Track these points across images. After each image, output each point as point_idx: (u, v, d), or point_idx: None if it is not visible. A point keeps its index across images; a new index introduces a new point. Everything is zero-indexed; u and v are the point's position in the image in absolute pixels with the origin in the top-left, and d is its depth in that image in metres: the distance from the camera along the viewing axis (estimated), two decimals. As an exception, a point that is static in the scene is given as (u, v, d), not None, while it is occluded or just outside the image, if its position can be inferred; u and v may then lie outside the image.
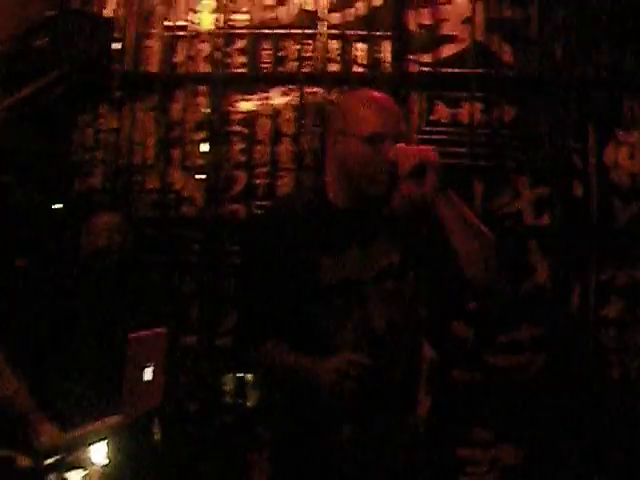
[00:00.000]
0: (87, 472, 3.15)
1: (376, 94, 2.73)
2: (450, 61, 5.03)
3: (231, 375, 4.81)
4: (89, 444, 3.19)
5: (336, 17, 5.06)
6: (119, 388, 3.21)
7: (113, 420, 3.27)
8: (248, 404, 4.79)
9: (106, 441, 3.26)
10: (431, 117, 4.99)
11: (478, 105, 4.96)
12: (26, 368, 3.27)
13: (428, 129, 4.98)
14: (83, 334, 3.96)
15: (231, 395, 4.83)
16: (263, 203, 4.95)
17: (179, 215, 5.01)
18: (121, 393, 3.20)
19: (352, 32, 5.04)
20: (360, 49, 5.04)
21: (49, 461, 2.98)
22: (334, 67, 5.05)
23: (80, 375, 3.71)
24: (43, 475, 2.97)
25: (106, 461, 3.25)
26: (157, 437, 3.69)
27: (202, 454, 4.55)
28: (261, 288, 2.71)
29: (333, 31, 5.05)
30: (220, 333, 4.87)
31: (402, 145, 2.53)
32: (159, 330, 3.55)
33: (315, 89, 5.02)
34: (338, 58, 5.05)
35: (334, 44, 5.05)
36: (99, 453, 3.23)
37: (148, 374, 3.37)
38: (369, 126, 2.57)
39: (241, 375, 4.79)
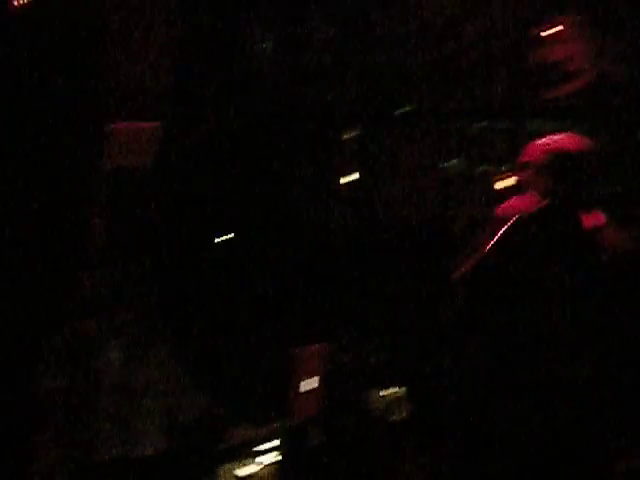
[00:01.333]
0: (255, 468, 3.62)
1: None
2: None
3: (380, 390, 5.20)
4: (258, 443, 3.65)
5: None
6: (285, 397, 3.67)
7: (279, 426, 3.71)
8: (396, 418, 5.16)
9: (276, 442, 3.72)
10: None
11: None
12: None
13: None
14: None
15: (380, 410, 5.21)
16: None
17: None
18: (288, 401, 3.66)
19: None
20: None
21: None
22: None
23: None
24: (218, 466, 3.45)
25: (275, 460, 3.71)
26: (315, 442, 4.08)
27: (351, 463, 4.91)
28: None
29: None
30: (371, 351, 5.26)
31: None
32: (321, 346, 4.00)
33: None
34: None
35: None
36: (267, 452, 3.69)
37: (309, 385, 3.81)
38: None
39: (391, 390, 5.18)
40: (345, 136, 5.45)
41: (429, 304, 4.84)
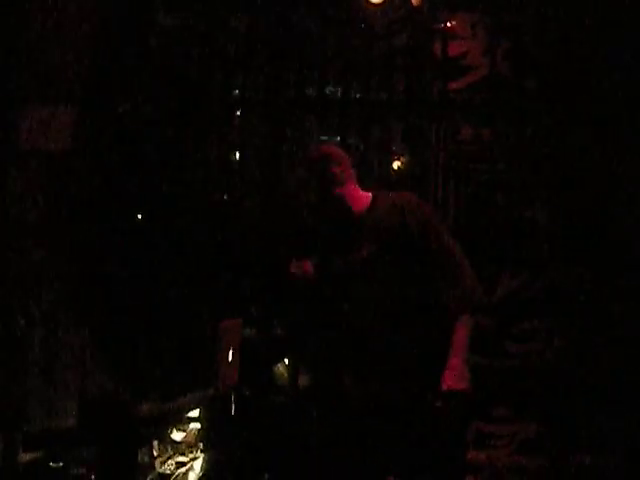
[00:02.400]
0: (186, 433, 3.90)
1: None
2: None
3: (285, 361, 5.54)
4: (187, 411, 3.93)
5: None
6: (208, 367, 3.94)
7: (205, 394, 3.99)
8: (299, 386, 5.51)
9: (199, 409, 4.00)
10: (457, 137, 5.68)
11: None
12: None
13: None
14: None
15: (284, 379, 5.55)
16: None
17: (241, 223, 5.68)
18: (212, 371, 3.93)
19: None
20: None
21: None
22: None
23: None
24: (153, 432, 3.71)
25: (199, 425, 3.99)
26: (233, 410, 4.36)
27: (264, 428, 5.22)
28: None
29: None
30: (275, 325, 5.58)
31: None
32: (238, 320, 4.28)
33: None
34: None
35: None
36: (194, 419, 3.98)
37: (231, 356, 4.09)
38: None
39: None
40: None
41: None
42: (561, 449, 5.27)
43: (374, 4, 4.58)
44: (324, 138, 5.89)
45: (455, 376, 3.40)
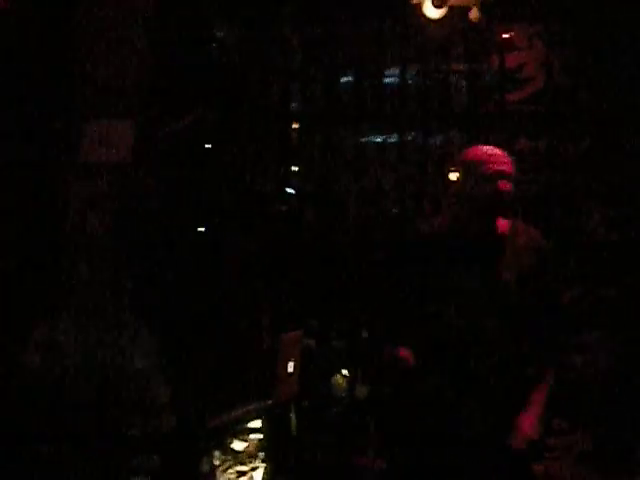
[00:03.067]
0: (247, 442, 3.96)
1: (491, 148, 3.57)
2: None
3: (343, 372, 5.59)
4: (248, 421, 3.98)
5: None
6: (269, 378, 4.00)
7: (266, 405, 4.04)
8: (357, 397, 5.56)
9: (260, 420, 4.05)
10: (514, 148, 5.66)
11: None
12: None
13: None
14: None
15: (342, 390, 5.60)
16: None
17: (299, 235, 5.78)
18: (273, 382, 3.98)
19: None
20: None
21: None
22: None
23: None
24: (215, 442, 3.78)
25: (260, 435, 4.05)
26: (294, 420, 4.43)
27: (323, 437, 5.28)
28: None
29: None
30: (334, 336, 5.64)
31: None
32: (298, 332, 4.32)
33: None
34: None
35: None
36: (255, 430, 4.03)
37: (291, 367, 4.13)
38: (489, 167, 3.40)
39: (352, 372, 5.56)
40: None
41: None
42: (617, 461, 5.28)
43: (431, 20, 4.60)
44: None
45: (532, 423, 3.42)
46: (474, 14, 4.63)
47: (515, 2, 5.56)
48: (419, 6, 4.64)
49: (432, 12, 4.57)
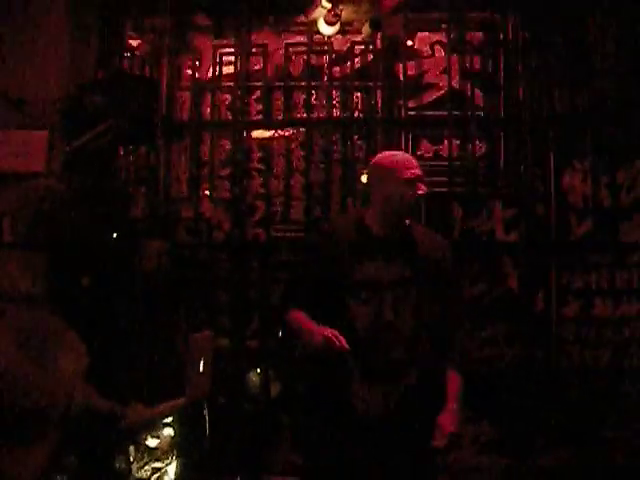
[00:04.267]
0: (160, 440, 4.11)
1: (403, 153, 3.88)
2: (432, 105, 5.96)
3: (256, 370, 5.76)
4: (161, 419, 4.13)
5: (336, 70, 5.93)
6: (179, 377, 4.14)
7: (178, 402, 4.17)
8: (270, 395, 5.74)
9: (172, 418, 4.21)
10: (417, 152, 5.90)
11: (456, 142, 5.87)
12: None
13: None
14: (139, 336, 4.90)
15: (256, 387, 5.77)
16: (279, 227, 5.89)
17: (210, 239, 5.89)
18: (183, 381, 4.12)
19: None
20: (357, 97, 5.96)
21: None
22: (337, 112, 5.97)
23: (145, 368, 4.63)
24: (129, 439, 3.92)
25: (173, 433, 4.20)
26: (206, 418, 4.57)
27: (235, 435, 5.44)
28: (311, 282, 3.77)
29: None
30: (247, 336, 5.81)
31: None
32: (208, 332, 4.47)
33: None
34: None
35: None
36: (168, 426, 4.19)
37: (201, 367, 4.26)
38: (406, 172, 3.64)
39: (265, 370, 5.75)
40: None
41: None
42: (521, 449, 5.53)
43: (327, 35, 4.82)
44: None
45: (453, 420, 3.63)
46: (365, 30, 4.84)
47: (417, 11, 5.74)
48: (314, 22, 4.84)
49: (326, 29, 4.77)
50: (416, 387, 3.66)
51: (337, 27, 4.71)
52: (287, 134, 6.01)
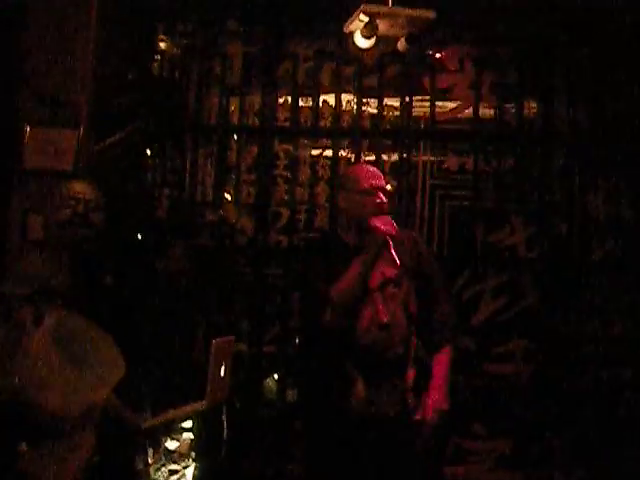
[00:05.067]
0: (179, 442, 4.15)
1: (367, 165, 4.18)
2: (459, 119, 6.00)
3: (274, 376, 5.80)
4: (181, 421, 4.17)
5: (366, 81, 5.97)
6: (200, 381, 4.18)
7: (198, 405, 4.21)
8: (287, 401, 5.78)
9: (191, 421, 4.24)
10: (443, 166, 5.95)
11: (481, 156, 5.87)
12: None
13: (440, 176, 5.95)
14: (160, 338, 4.94)
15: (273, 393, 5.81)
16: (303, 235, 5.90)
17: (233, 244, 5.91)
18: (204, 385, 4.16)
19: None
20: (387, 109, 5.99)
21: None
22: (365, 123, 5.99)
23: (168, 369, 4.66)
24: (149, 441, 3.96)
25: (192, 436, 4.24)
26: (225, 422, 4.59)
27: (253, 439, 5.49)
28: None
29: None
30: (266, 342, 5.85)
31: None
32: (230, 337, 4.51)
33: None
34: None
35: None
36: (187, 430, 4.22)
37: (222, 371, 4.31)
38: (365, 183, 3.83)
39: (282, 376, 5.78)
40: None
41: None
42: (534, 465, 5.55)
43: (362, 48, 4.85)
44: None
45: (440, 397, 3.74)
46: (402, 45, 4.88)
47: (446, 26, 5.75)
48: (351, 35, 4.87)
49: (362, 42, 4.81)
50: (415, 383, 3.78)
51: (373, 40, 4.74)
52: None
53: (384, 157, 5.93)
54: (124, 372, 3.46)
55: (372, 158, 5.86)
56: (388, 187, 5.72)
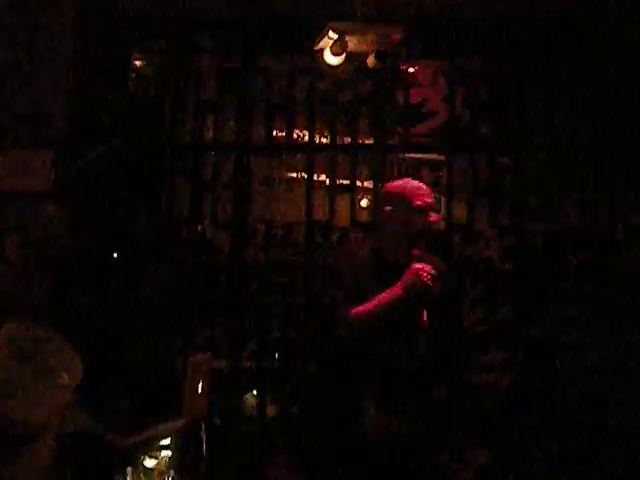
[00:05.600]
0: (158, 460, 4.16)
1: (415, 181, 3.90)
2: (432, 132, 6.03)
3: (253, 392, 5.81)
4: (159, 439, 4.18)
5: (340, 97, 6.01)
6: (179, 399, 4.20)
7: (176, 423, 4.23)
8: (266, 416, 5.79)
9: (170, 439, 4.25)
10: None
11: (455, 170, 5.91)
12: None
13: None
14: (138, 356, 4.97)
15: (252, 409, 5.82)
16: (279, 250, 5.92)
17: (210, 260, 5.92)
18: (181, 403, 4.18)
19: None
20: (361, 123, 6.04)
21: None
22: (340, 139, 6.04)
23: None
24: (127, 459, 3.96)
25: (170, 453, 4.24)
26: (204, 439, 4.60)
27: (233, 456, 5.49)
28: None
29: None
30: (244, 357, 5.85)
31: None
32: (207, 354, 4.53)
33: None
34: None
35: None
36: (166, 448, 4.23)
37: (200, 388, 4.32)
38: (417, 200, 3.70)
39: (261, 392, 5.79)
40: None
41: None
42: (514, 476, 5.56)
43: (331, 66, 4.89)
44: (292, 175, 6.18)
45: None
46: (371, 61, 4.92)
47: (418, 41, 5.80)
48: (321, 52, 4.91)
49: (332, 59, 4.85)
50: (426, 412, 3.73)
51: (342, 58, 4.78)
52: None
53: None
54: (81, 376, 3.47)
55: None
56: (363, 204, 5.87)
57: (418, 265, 3.71)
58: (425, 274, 3.66)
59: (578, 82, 5.78)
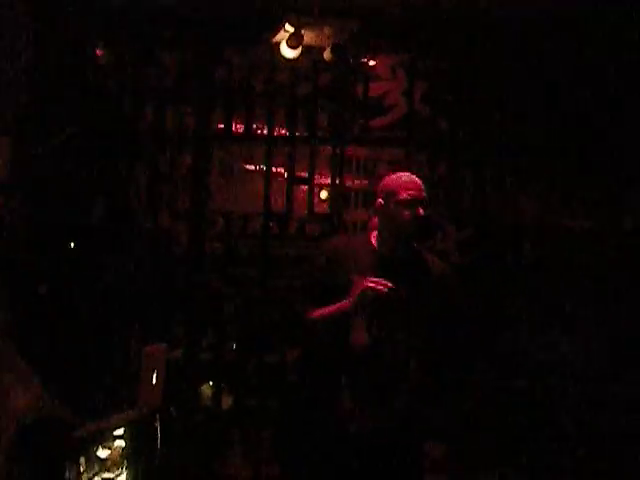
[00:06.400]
0: (111, 450, 4.15)
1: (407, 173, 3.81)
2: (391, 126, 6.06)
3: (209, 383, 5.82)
4: (113, 429, 4.17)
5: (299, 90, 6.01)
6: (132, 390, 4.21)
7: (130, 413, 4.23)
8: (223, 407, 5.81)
9: (123, 429, 4.24)
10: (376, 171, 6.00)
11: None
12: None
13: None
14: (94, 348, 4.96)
15: (208, 400, 5.84)
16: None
17: (168, 251, 5.91)
18: (135, 394, 4.18)
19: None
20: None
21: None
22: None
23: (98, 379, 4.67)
24: (80, 450, 3.96)
25: (124, 444, 4.24)
26: (158, 429, 4.59)
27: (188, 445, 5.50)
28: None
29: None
30: (202, 348, 5.86)
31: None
32: (162, 345, 4.53)
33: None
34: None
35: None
36: (119, 438, 4.22)
37: (154, 379, 4.32)
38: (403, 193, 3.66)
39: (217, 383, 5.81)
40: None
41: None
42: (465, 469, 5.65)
43: (287, 59, 4.92)
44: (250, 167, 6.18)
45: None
46: (327, 54, 4.94)
47: (377, 35, 5.82)
48: (277, 45, 4.92)
49: (288, 52, 4.87)
50: (405, 409, 3.69)
51: (299, 51, 4.79)
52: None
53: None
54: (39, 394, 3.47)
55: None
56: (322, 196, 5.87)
57: (367, 281, 3.65)
58: (379, 286, 3.60)
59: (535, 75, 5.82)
